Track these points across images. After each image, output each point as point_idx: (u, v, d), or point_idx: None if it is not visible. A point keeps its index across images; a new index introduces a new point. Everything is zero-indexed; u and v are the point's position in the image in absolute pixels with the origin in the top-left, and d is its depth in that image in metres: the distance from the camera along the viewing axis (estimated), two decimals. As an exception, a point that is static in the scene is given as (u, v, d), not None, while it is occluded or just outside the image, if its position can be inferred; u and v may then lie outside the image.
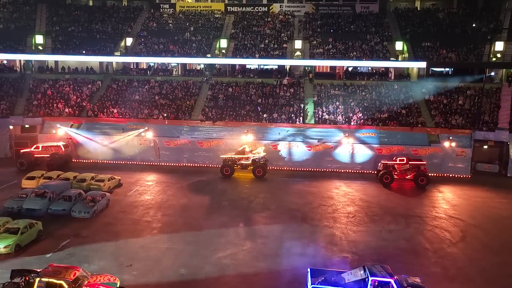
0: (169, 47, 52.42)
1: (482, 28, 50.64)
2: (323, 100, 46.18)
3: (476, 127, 41.69)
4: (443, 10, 55.22)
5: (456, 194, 34.71)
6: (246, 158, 38.43)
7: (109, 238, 24.32)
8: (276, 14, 57.90)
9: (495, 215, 30.02)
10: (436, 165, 39.82)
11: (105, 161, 41.59)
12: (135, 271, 20.75)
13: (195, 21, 56.67)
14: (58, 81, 50.09)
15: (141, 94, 47.87)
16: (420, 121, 42.89)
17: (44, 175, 33.89)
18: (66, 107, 46.16)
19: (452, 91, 46.21)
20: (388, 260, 21.86)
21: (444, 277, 21.03)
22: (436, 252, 23.85)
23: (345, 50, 50.89)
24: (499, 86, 46.22)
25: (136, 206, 29.90)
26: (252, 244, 24.04)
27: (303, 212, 29.52)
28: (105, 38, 53.92)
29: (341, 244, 24.61)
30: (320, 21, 55.49)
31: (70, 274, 17.66)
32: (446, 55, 48.77)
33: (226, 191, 34.18)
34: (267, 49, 51.81)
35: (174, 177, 37.39)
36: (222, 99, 46.91)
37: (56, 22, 55.79)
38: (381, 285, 17.78)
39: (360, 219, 28.63)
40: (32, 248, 22.86)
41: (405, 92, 46.78)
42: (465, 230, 27.07)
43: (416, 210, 30.59)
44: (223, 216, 28.28)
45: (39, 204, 27.72)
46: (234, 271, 20.97)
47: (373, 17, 55.69)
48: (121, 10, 58.86)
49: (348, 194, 34.06)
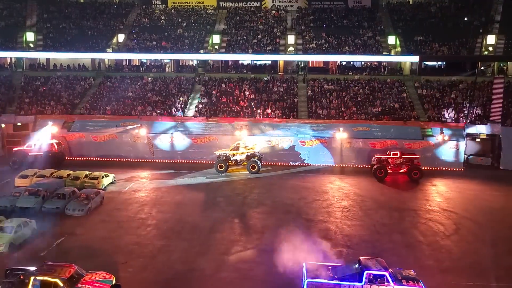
0: (161, 43, 52.18)
1: (473, 22, 50.85)
2: (317, 95, 46.25)
3: (468, 120, 41.97)
4: (435, 4, 55.34)
5: (449, 187, 34.94)
6: (240, 154, 38.47)
7: (104, 236, 24.25)
8: (268, 9, 57.80)
9: (487, 207, 30.23)
10: (429, 158, 40.04)
11: (98, 158, 41.43)
12: (131, 268, 20.71)
13: (187, 17, 56.41)
14: (50, 79, 49.78)
15: (134, 91, 47.65)
16: (413, 115, 43.09)
17: (37, 173, 33.70)
18: (59, 105, 45.88)
19: (445, 85, 46.45)
20: (382, 253, 21.97)
21: (438, 270, 21.17)
22: (430, 245, 24.00)
23: (338, 44, 50.92)
24: (491, 79, 46.48)
25: (130, 203, 29.82)
26: (247, 240, 24.07)
27: (297, 207, 29.59)
28: (97, 34, 53.61)
29: (336, 238, 24.70)
30: (313, 16, 55.44)
31: (65, 272, 17.60)
32: (439, 49, 48.94)
33: (220, 187, 34.17)
34: (260, 44, 51.70)
35: (169, 174, 37.32)
36: (215, 95, 46.82)
37: (47, 19, 55.37)
38: (376, 278, 17.90)
39: (355, 213, 28.75)
40: (26, 247, 22.72)
41: (398, 86, 46.96)
42: (458, 223, 27.26)
43: (410, 204, 30.76)
44: (218, 212, 28.28)
45: (32, 202, 27.56)
46: (230, 267, 20.99)
47: (366, 12, 55.73)
48: (113, 7, 58.48)
49: (343, 189, 34.18)
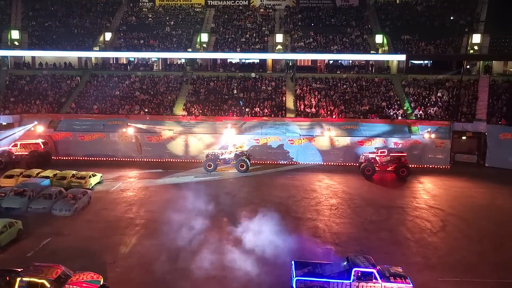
0: (149, 42, 51.82)
1: (459, 21, 51.43)
2: (305, 94, 46.36)
3: (454, 118, 42.44)
4: (422, 3, 55.81)
5: (436, 185, 35.33)
6: (229, 153, 38.40)
7: (91, 236, 24.03)
8: (256, 7, 57.72)
9: (473, 204, 30.65)
10: (416, 156, 40.43)
11: (86, 158, 41.06)
12: (119, 268, 20.58)
13: (175, 15, 56.11)
14: (36, 77, 49.15)
15: (122, 90, 47.27)
16: (400, 113, 43.43)
17: (23, 173, 33.26)
18: (45, 104, 45.33)
19: (431, 83, 46.91)
20: (370, 250, 22.17)
21: (426, 266, 21.39)
22: (417, 242, 24.24)
23: (326, 43, 51.09)
24: (476, 78, 47.06)
25: (118, 203, 29.61)
26: (236, 238, 24.03)
27: (286, 205, 29.65)
28: (84, 33, 53.05)
29: (325, 236, 24.82)
30: (301, 14, 55.53)
31: (52, 272, 17.43)
32: (425, 47, 49.38)
33: (209, 186, 34.08)
34: (248, 43, 51.65)
35: (157, 173, 37.13)
36: (204, 93, 46.66)
37: (32, 17, 54.63)
38: (364, 275, 18.04)
39: (343, 211, 28.92)
40: (12, 248, 22.43)
41: (385, 84, 47.29)
42: (445, 220, 27.58)
43: (397, 201, 31.03)
44: (206, 211, 28.15)
45: (18, 202, 27.25)
46: (219, 266, 20.93)
47: (353, 11, 55.99)
48: (100, 5, 57.86)
49: (331, 187, 34.34)
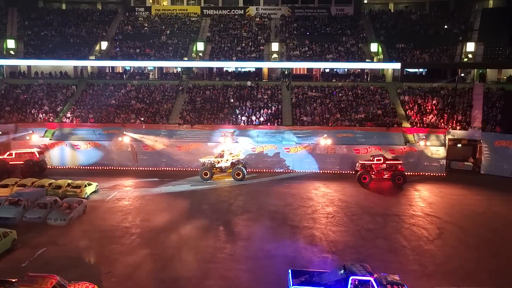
0: (145, 51, 51.93)
1: (453, 30, 51.89)
2: (301, 102, 46.49)
3: (450, 126, 42.64)
4: (416, 12, 56.39)
5: (432, 192, 35.37)
6: (225, 161, 38.35)
7: (87, 245, 23.83)
8: (252, 17, 58.08)
9: (470, 211, 30.69)
10: (412, 164, 40.49)
11: (81, 167, 40.90)
12: (114, 278, 20.40)
13: (171, 25, 56.31)
14: (31, 86, 49.05)
15: (117, 99, 47.25)
16: (395, 121, 43.60)
17: (18, 182, 33.04)
18: (40, 113, 45.21)
19: (426, 91, 47.16)
20: (367, 259, 22.12)
21: (423, 274, 21.33)
22: (414, 250, 24.20)
23: (321, 52, 51.37)
24: (471, 86, 47.37)
25: (114, 212, 29.43)
26: (233, 247, 23.94)
27: (283, 214, 29.58)
28: (79, 42, 53.11)
29: (321, 244, 24.74)
30: (296, 23, 55.88)
31: (47, 283, 17.23)
32: (420, 56, 49.73)
33: (205, 195, 33.98)
34: (244, 51, 51.86)
35: (153, 182, 37.02)
36: (200, 102, 46.72)
37: (28, 26, 54.65)
38: (361, 284, 17.94)
39: (339, 219, 28.86)
40: (6, 258, 22.18)
41: (381, 93, 47.53)
42: (441, 227, 27.57)
43: (393, 209, 31.01)
44: (203, 220, 28.05)
45: (13, 212, 26.96)
46: (215, 275, 20.81)
47: (348, 19, 56.43)
48: (96, 14, 58.09)
49: (327, 195, 34.31)
